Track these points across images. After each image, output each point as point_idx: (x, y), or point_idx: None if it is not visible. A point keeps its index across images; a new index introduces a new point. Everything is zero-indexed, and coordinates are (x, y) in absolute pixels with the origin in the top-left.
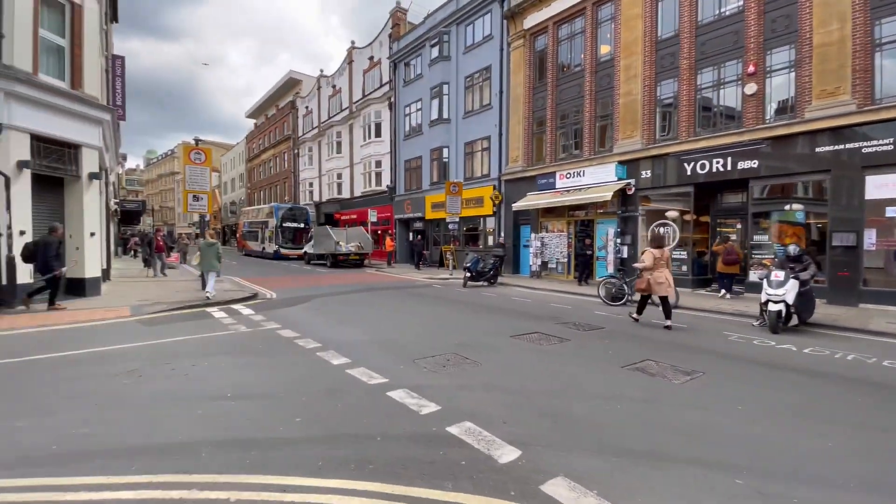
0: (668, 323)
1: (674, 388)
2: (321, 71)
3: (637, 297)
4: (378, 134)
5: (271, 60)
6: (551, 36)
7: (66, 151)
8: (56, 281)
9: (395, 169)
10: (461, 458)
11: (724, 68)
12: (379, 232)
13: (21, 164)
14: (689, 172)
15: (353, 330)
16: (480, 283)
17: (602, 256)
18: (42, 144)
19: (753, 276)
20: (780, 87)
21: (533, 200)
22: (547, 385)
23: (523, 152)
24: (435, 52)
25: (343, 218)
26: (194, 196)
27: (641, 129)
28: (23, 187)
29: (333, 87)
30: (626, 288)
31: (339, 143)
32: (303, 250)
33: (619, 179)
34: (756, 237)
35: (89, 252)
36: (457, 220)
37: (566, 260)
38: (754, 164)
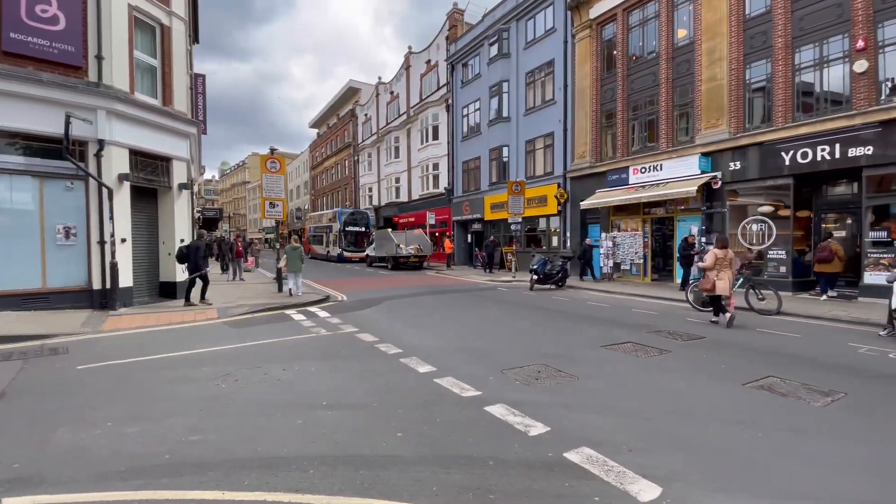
0: (716, 319)
1: (817, 413)
2: (379, 78)
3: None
4: (435, 136)
5: (330, 73)
6: (621, 24)
7: (159, 164)
8: (205, 277)
9: (452, 171)
10: (593, 493)
11: (828, 45)
12: (437, 234)
13: (122, 177)
14: (787, 162)
15: (431, 335)
16: (547, 286)
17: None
18: (138, 158)
19: (870, 277)
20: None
21: (603, 198)
22: (664, 405)
23: (591, 147)
24: (494, 49)
25: (401, 221)
26: (271, 203)
27: (728, 117)
28: (123, 198)
29: (391, 93)
30: None
31: (396, 148)
32: (364, 253)
33: (703, 172)
34: (872, 234)
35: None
36: (519, 220)
37: (642, 261)
38: (868, 150)
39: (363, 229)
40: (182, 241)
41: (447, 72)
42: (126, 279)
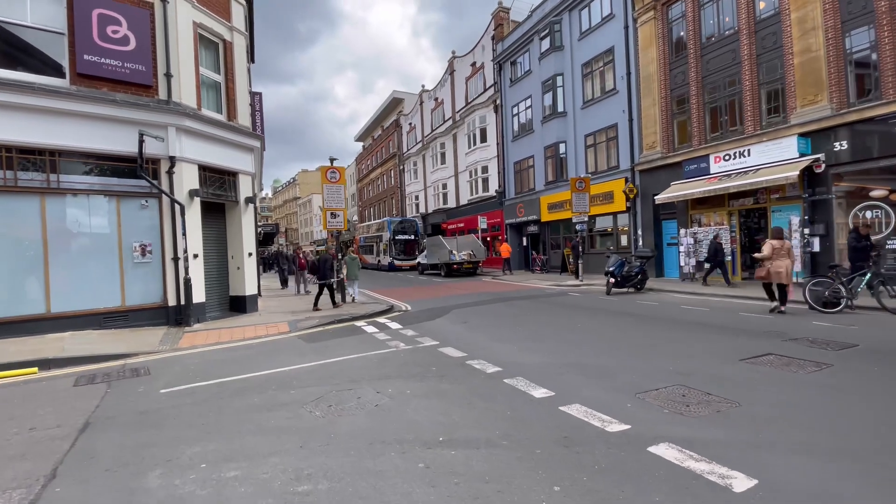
0: (782, 308)
1: None
2: (422, 86)
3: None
4: (483, 139)
5: (370, 88)
6: (691, 1)
7: (226, 179)
8: (332, 287)
9: (503, 172)
10: None
11: None
12: (488, 238)
13: (192, 193)
14: None
15: (523, 349)
16: (625, 289)
17: None
18: (207, 174)
19: None
20: None
21: (681, 190)
22: (879, 440)
23: (661, 137)
24: (546, 43)
25: (449, 227)
26: (332, 213)
27: (829, 92)
28: (194, 214)
29: (435, 99)
30: (843, 291)
31: (442, 154)
32: (416, 261)
33: (803, 156)
34: None
35: (248, 271)
36: (585, 219)
37: (730, 258)
38: None
39: (412, 237)
40: (250, 254)
41: (494, 72)
42: (199, 295)
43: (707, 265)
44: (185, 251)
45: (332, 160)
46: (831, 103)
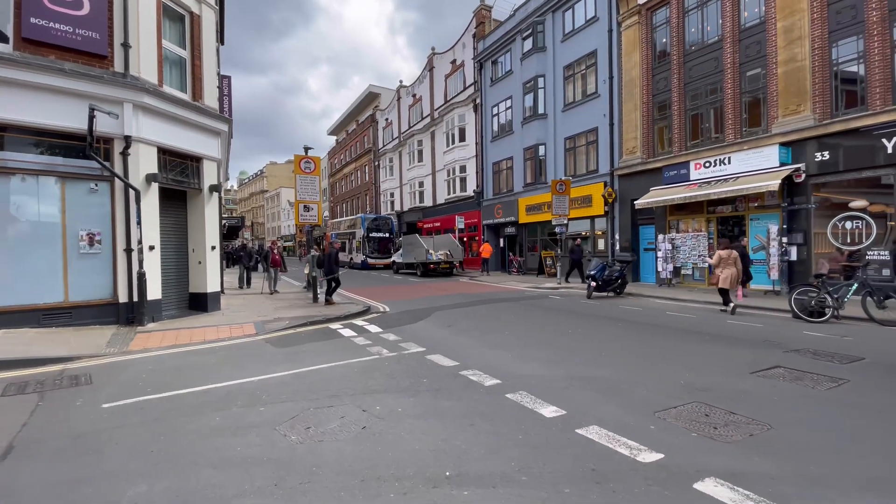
0: (724, 308)
1: None
2: (400, 82)
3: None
4: (462, 138)
5: (345, 83)
6: (675, 7)
7: (189, 164)
8: (337, 280)
9: (481, 173)
10: None
11: None
12: (465, 239)
13: (150, 178)
14: (889, 150)
15: (519, 357)
16: (605, 293)
17: (761, 259)
18: (167, 157)
19: None
20: None
21: (660, 196)
22: None
23: (641, 142)
24: (528, 44)
25: (426, 226)
26: (305, 206)
27: (812, 102)
28: (151, 202)
29: (413, 95)
30: (830, 301)
31: (420, 152)
32: (390, 260)
33: (783, 165)
34: None
35: (210, 266)
36: (565, 221)
37: (706, 265)
38: None
39: (387, 235)
40: (213, 247)
41: (474, 71)
42: (154, 291)
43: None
44: (140, 242)
45: (306, 149)
46: (814, 113)
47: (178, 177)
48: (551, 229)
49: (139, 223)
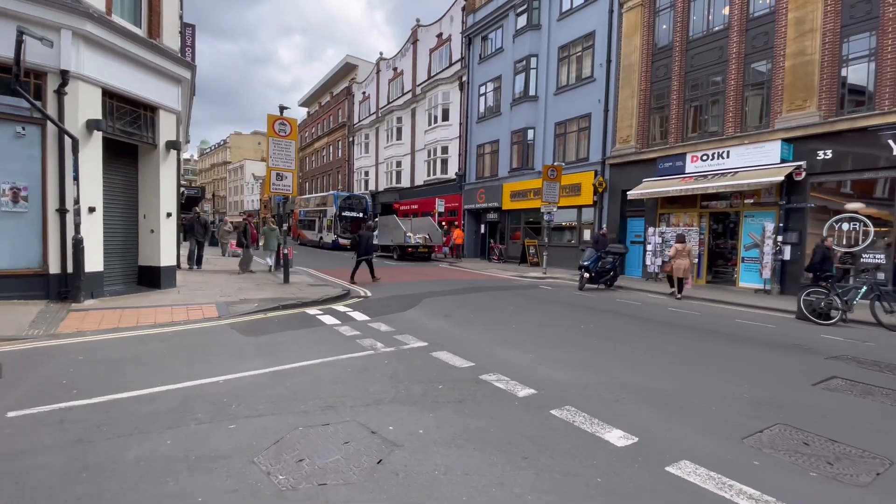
0: (678, 295)
1: None
2: (380, 54)
3: None
4: (445, 118)
5: (318, 56)
6: None
7: (142, 113)
8: (371, 262)
9: (465, 155)
10: None
11: None
12: (443, 223)
13: (91, 125)
14: (895, 152)
15: (542, 358)
16: (597, 285)
17: (753, 258)
18: (115, 103)
19: None
20: None
21: (655, 187)
22: None
23: (637, 131)
24: (522, 20)
25: (402, 208)
26: (278, 174)
27: (818, 99)
28: (93, 154)
29: (394, 69)
30: (838, 303)
31: (399, 129)
32: None
33: (784, 162)
34: None
35: (165, 236)
36: (554, 209)
37: (697, 260)
38: None
39: (361, 215)
40: (169, 214)
41: (462, 46)
42: (95, 261)
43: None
44: (77, 202)
45: (281, 109)
46: (820, 110)
47: (129, 128)
48: (527, 218)
49: (76, 179)
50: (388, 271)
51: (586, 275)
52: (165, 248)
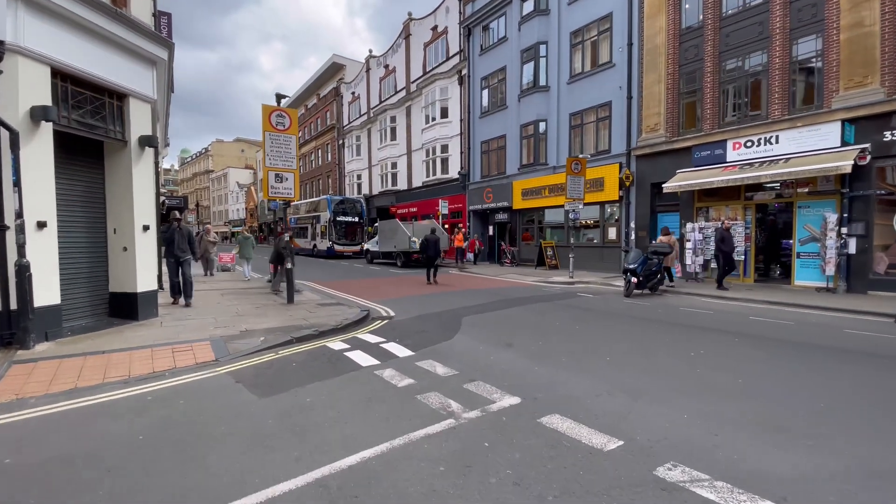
0: (672, 283)
1: None
2: (370, 51)
3: None
4: (444, 115)
5: (300, 63)
6: None
7: (107, 102)
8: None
9: (467, 153)
10: None
11: None
12: (447, 226)
13: (38, 114)
14: None
15: (707, 418)
16: (643, 290)
17: (813, 252)
18: (71, 87)
19: None
20: None
21: (693, 179)
22: None
23: (665, 119)
24: (528, 6)
25: (399, 212)
26: (276, 175)
27: (881, 74)
28: (41, 152)
29: (386, 66)
30: None
31: (393, 129)
32: (358, 247)
33: (846, 145)
34: None
35: (142, 253)
36: (580, 206)
37: (742, 257)
38: None
39: (356, 220)
40: (146, 227)
41: (460, 38)
42: (48, 292)
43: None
44: (20, 215)
45: (279, 98)
46: (883, 87)
47: (90, 119)
48: (542, 217)
49: (16, 184)
50: (396, 281)
51: (633, 279)
52: (143, 269)
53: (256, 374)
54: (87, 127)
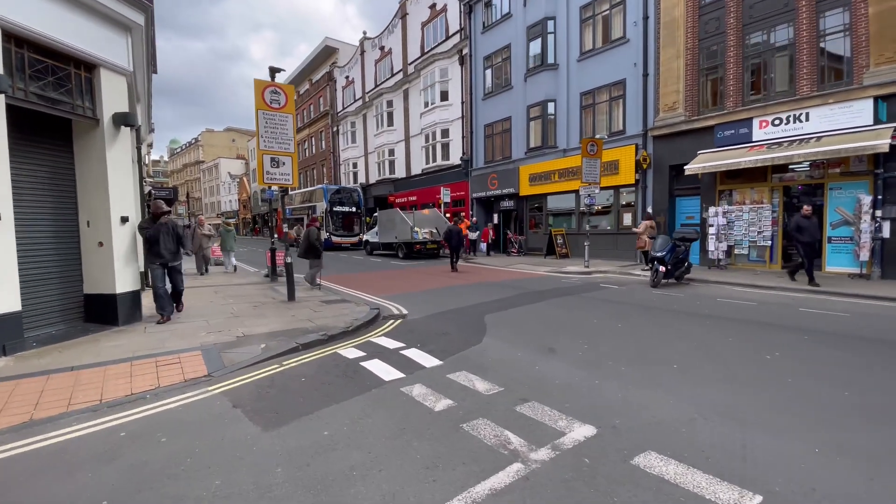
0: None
1: None
2: (364, 33)
3: None
4: (444, 97)
5: (290, 51)
6: None
7: (73, 73)
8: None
9: (470, 137)
10: None
11: None
12: (448, 215)
13: None
14: None
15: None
16: (670, 279)
17: (843, 237)
18: (28, 54)
19: None
20: None
21: (717, 160)
22: None
23: (684, 97)
24: None
25: (398, 201)
26: (272, 159)
27: None
28: None
29: (381, 48)
30: None
31: (390, 114)
32: (357, 238)
33: (880, 123)
34: None
35: (119, 249)
36: (596, 191)
37: (769, 243)
38: None
39: (354, 209)
40: (125, 220)
41: (461, 16)
42: (6, 298)
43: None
44: None
45: (273, 72)
46: None
47: (53, 92)
48: (552, 203)
49: None
50: (401, 274)
51: (661, 268)
52: (122, 266)
53: (258, 394)
54: (48, 102)
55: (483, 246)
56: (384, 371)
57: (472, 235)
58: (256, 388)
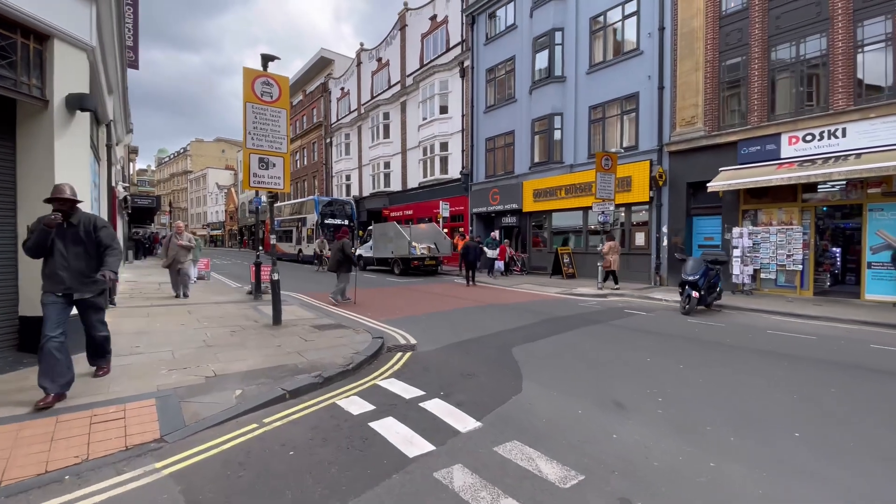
0: (616, 287)
1: None
2: (361, 44)
3: None
4: (444, 110)
5: (286, 67)
6: None
7: (20, 43)
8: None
9: (470, 151)
10: None
11: None
12: (446, 230)
13: None
14: None
15: None
16: (701, 306)
17: (885, 262)
18: None
19: None
20: None
21: (742, 177)
22: None
23: (704, 111)
24: None
25: (393, 214)
26: (261, 160)
27: None
28: None
29: (378, 60)
30: None
31: (386, 126)
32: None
33: None
34: None
35: None
36: (611, 207)
37: (800, 267)
38: None
39: (346, 222)
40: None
41: (463, 27)
42: None
43: None
44: None
45: (265, 60)
46: None
47: None
48: (557, 220)
49: None
50: (400, 293)
51: (694, 293)
52: None
53: (225, 479)
54: None
55: (500, 265)
56: (404, 439)
57: (492, 254)
58: (223, 467)
